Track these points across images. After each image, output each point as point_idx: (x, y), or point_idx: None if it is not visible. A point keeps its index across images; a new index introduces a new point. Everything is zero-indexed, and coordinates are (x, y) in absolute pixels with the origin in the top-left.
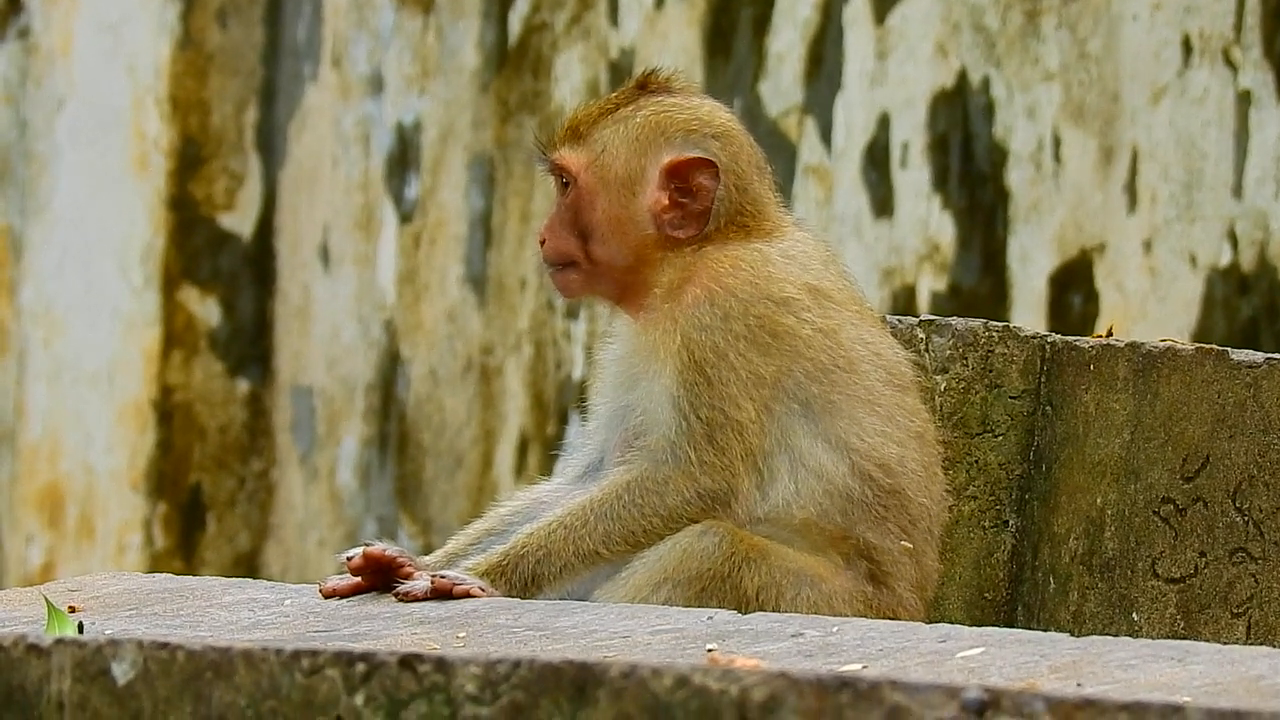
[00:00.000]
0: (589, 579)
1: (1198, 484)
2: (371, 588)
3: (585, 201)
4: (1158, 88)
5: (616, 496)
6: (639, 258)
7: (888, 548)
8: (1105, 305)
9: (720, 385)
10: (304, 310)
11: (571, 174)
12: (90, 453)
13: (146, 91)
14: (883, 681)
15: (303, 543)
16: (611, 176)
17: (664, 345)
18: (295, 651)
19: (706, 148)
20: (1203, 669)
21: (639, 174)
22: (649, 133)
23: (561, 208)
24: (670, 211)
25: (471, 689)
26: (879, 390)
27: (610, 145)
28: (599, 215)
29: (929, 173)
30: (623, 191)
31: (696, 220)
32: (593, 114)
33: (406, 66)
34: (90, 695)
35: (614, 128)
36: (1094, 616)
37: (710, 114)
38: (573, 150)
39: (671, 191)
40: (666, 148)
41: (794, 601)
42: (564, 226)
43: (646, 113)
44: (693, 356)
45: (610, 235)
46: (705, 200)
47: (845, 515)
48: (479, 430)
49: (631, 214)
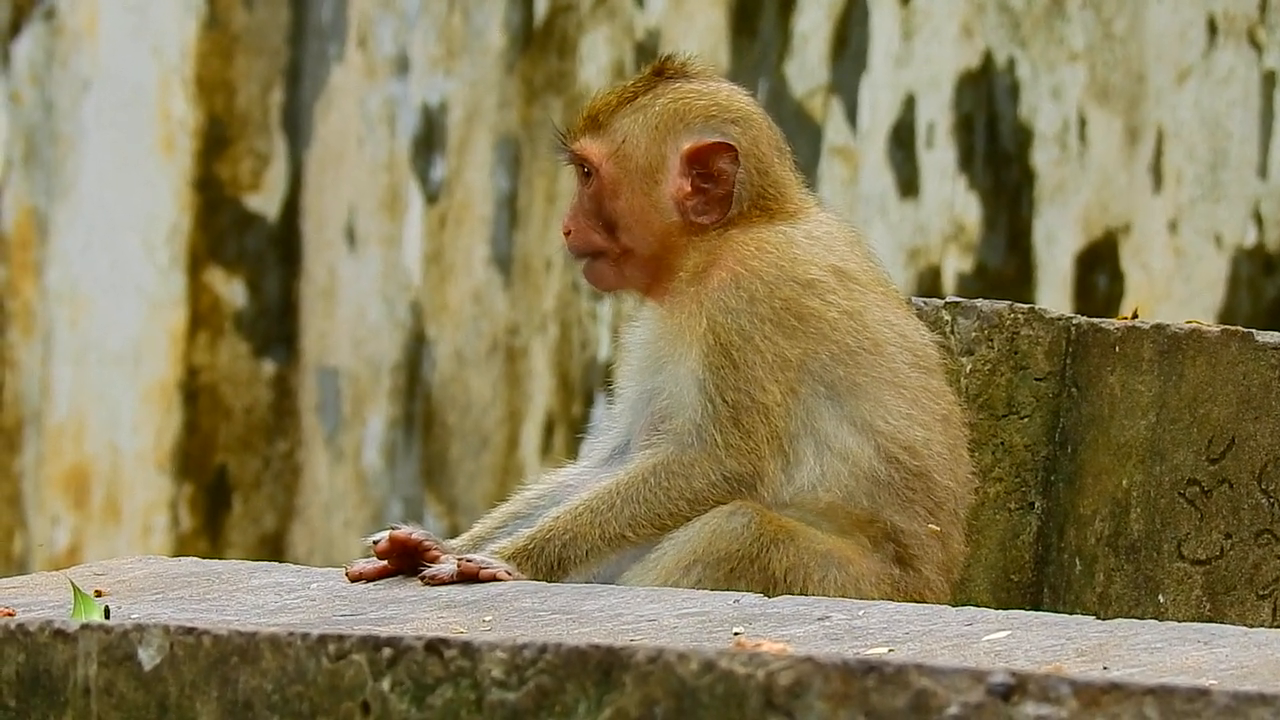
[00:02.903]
0: (615, 562)
1: (1223, 466)
2: (398, 571)
3: (608, 191)
4: (1183, 68)
5: (642, 480)
6: (664, 245)
7: (914, 530)
8: (1130, 285)
9: (746, 368)
10: (329, 291)
11: (593, 164)
12: (116, 434)
13: (172, 72)
14: (909, 666)
15: (328, 523)
16: (633, 166)
17: (689, 329)
18: (321, 636)
19: (726, 132)
20: (1228, 652)
21: (660, 162)
22: (668, 120)
23: (584, 198)
24: (693, 198)
25: (498, 674)
26: (905, 373)
27: (631, 134)
28: (622, 205)
29: (954, 153)
30: (645, 180)
31: (719, 205)
32: (611, 103)
33: (432, 47)
34: (116, 680)
35: (633, 116)
36: (1120, 598)
37: (728, 98)
38: (593, 140)
39: (693, 177)
40: (686, 134)
41: (821, 583)
42: (588, 217)
43: (665, 100)
44: (718, 339)
45: (635, 224)
46: (727, 185)
47: (871, 498)
48: (504, 411)
49: (655, 202)
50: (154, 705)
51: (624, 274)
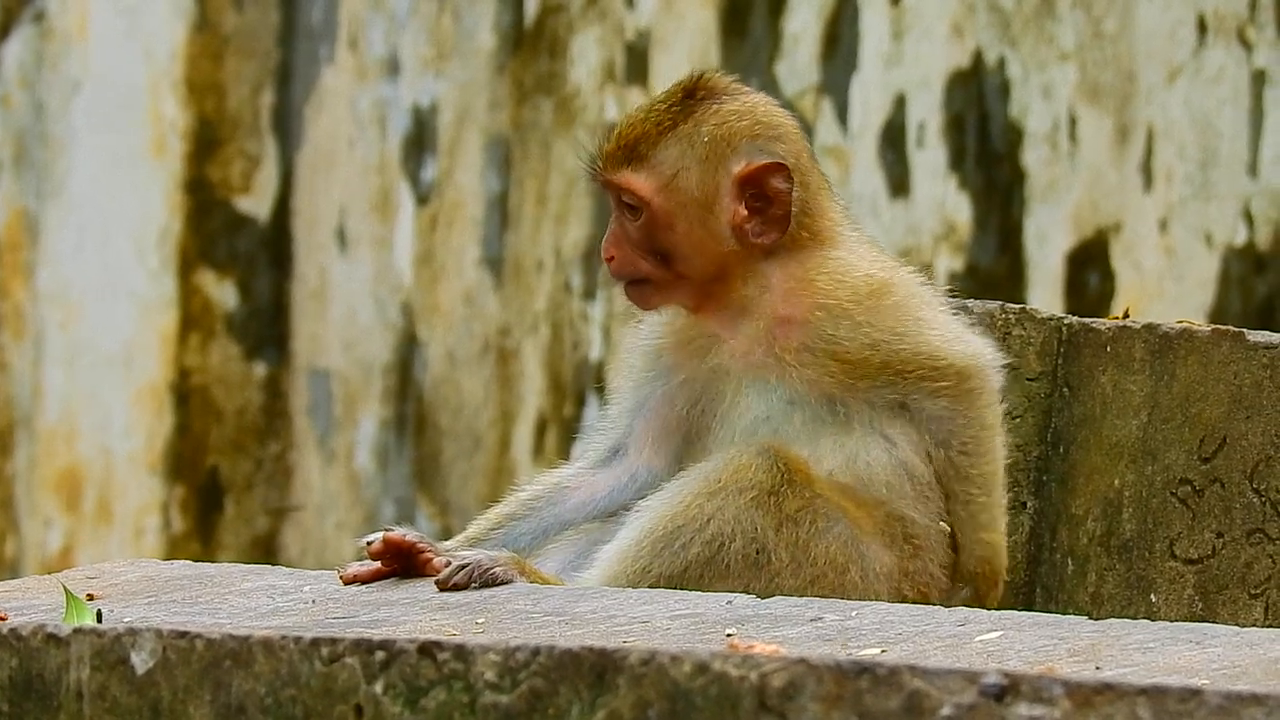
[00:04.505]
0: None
1: (1215, 465)
2: (392, 573)
3: (661, 225)
4: (1173, 67)
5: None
6: (720, 269)
7: (926, 524)
8: (1122, 284)
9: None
10: (321, 292)
11: (642, 199)
12: (108, 436)
13: (163, 74)
14: (902, 667)
15: (320, 526)
16: (688, 199)
17: (786, 364)
18: (314, 639)
19: (773, 150)
20: (1221, 651)
21: (715, 190)
22: (717, 147)
23: (629, 228)
24: (750, 220)
25: (491, 676)
26: None
27: (681, 166)
28: (679, 237)
29: (945, 153)
30: (701, 211)
31: (778, 224)
32: (650, 132)
33: (423, 48)
34: (109, 684)
35: (679, 147)
36: (1112, 598)
37: (767, 114)
38: (636, 173)
39: (747, 199)
40: (734, 158)
41: (826, 533)
42: (635, 248)
43: (709, 126)
44: (847, 360)
45: (691, 253)
46: (784, 203)
47: (891, 489)
48: (497, 412)
49: (712, 231)
50: (147, 709)
51: (673, 297)
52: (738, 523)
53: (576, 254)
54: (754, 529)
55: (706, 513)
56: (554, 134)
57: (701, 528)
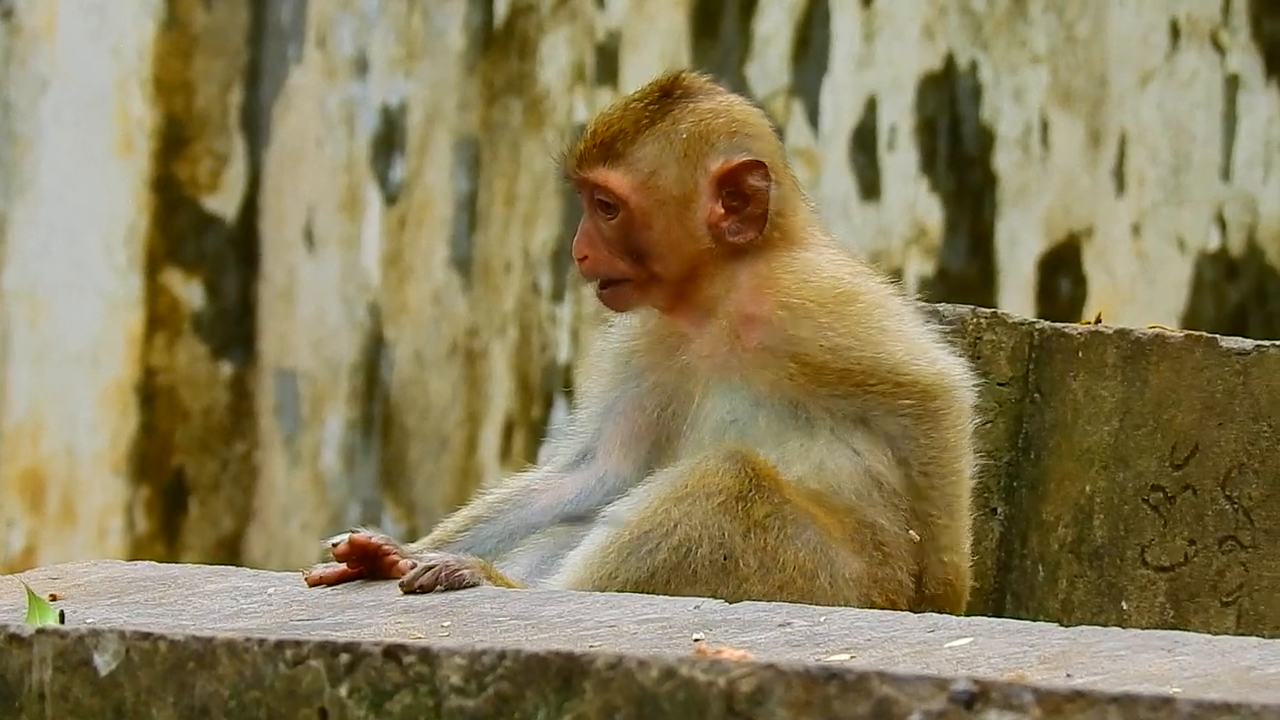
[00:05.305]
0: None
1: (1187, 471)
2: (357, 575)
3: (638, 223)
4: (1146, 71)
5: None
6: (694, 269)
7: (895, 531)
8: (1094, 289)
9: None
10: (288, 292)
11: (619, 197)
12: (73, 435)
13: (131, 73)
14: (870, 673)
15: (286, 527)
16: (666, 197)
17: (753, 365)
18: (279, 641)
19: (750, 148)
20: (1192, 659)
21: (693, 188)
22: (695, 144)
23: (604, 227)
24: (727, 219)
25: (456, 680)
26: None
27: (659, 164)
28: (655, 236)
29: (916, 156)
30: (678, 209)
31: (755, 223)
32: (628, 130)
33: (392, 48)
34: (72, 685)
35: (657, 144)
36: (1083, 605)
37: (743, 112)
38: (613, 170)
39: (724, 198)
40: (712, 155)
41: (794, 539)
42: (609, 246)
43: (687, 124)
44: (807, 363)
45: (667, 252)
46: (761, 202)
47: (859, 496)
48: (464, 413)
49: (689, 229)
50: (110, 711)
51: (646, 297)
52: (705, 528)
53: (545, 255)
54: (721, 534)
55: (673, 518)
56: (523, 135)
57: (668, 533)
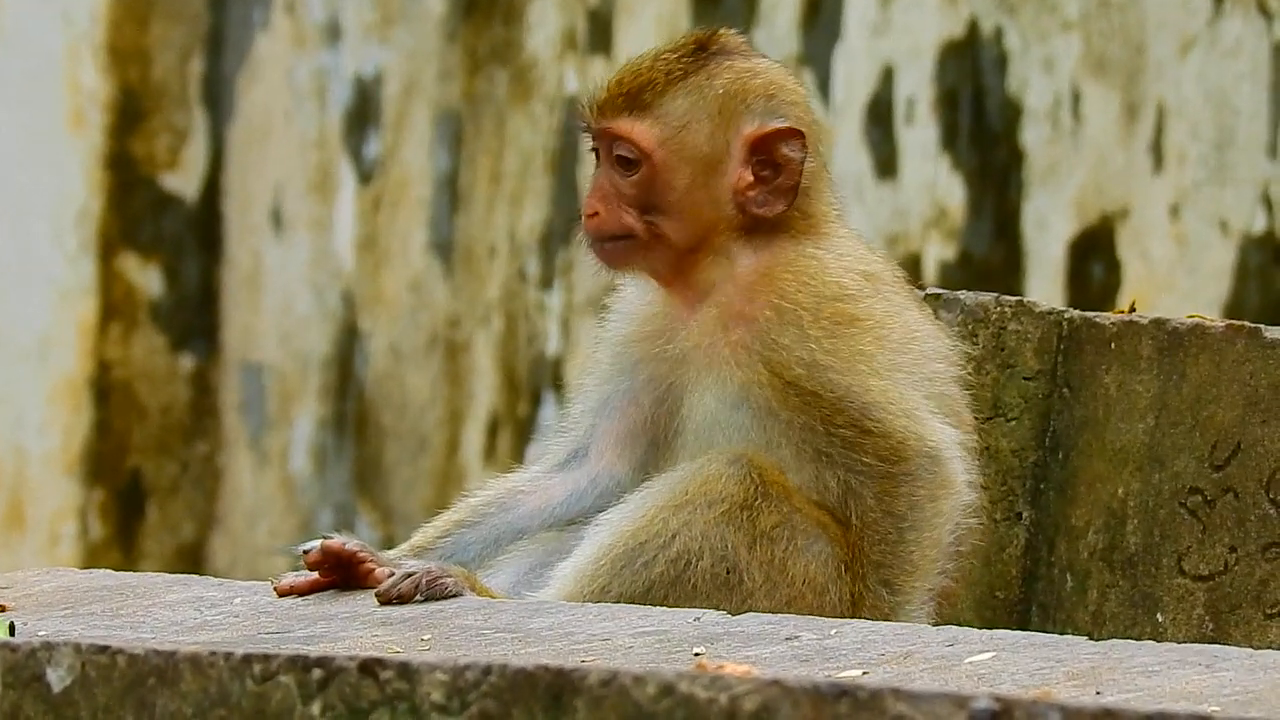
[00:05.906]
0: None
1: (1228, 473)
2: (330, 585)
3: (661, 180)
4: (1186, 38)
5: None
6: (706, 238)
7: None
8: (1128, 276)
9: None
10: (254, 279)
11: (643, 149)
12: (21, 434)
13: (82, 39)
14: (885, 690)
15: (252, 533)
16: (693, 155)
17: (731, 364)
18: (246, 656)
19: (788, 115)
20: (1233, 675)
21: (723, 150)
22: (729, 103)
23: (620, 184)
24: (755, 189)
25: (438, 697)
26: (935, 370)
27: (690, 120)
28: (676, 197)
29: (936, 131)
30: (705, 171)
31: (784, 196)
32: (658, 80)
33: (366, 13)
34: (23, 703)
35: (689, 98)
36: (1115, 617)
37: (782, 78)
38: (639, 121)
39: (754, 165)
40: (747, 117)
41: (804, 551)
42: (626, 203)
43: (724, 80)
44: (782, 377)
45: (686, 216)
46: (793, 174)
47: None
48: (445, 411)
49: (712, 194)
50: None
51: (648, 259)
52: (706, 539)
53: (533, 239)
54: (724, 546)
55: (672, 528)
56: (509, 107)
57: (666, 545)
